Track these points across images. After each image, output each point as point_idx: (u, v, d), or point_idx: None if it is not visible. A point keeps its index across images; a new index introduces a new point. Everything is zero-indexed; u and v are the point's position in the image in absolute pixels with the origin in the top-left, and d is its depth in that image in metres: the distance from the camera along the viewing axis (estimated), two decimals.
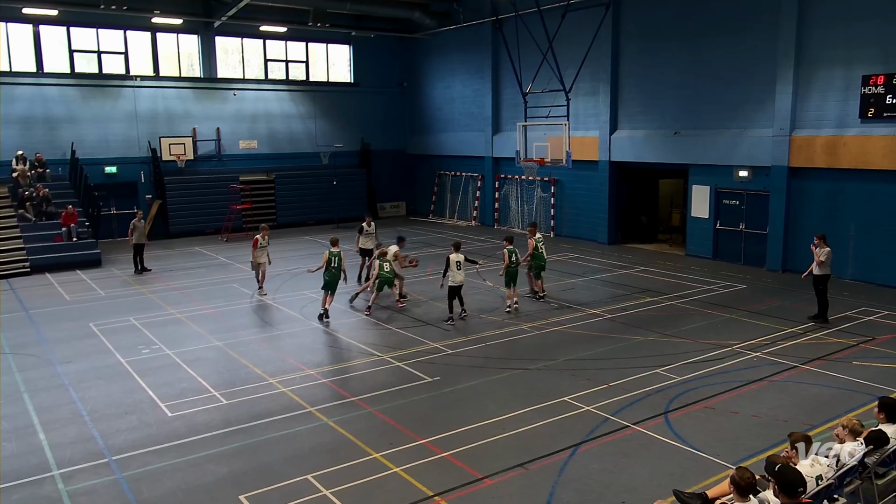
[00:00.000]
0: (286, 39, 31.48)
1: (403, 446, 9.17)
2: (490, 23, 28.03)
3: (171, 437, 9.65)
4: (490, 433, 9.54)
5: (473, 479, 8.27)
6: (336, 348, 13.68)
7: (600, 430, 9.59)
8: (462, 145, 31.98)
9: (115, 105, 27.87)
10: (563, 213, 27.39)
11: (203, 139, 29.67)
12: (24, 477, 8.52)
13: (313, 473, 8.44)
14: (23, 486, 8.29)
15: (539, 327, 14.63)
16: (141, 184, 28.57)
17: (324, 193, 31.33)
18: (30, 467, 8.80)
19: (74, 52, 27.21)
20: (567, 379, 11.59)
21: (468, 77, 31.33)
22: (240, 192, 29.10)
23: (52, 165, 25.70)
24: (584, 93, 25.00)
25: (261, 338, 14.37)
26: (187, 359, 12.99)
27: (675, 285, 18.47)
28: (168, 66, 29.25)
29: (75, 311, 16.68)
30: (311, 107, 32.46)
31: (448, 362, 12.52)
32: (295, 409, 10.51)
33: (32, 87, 26.24)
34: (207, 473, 8.60)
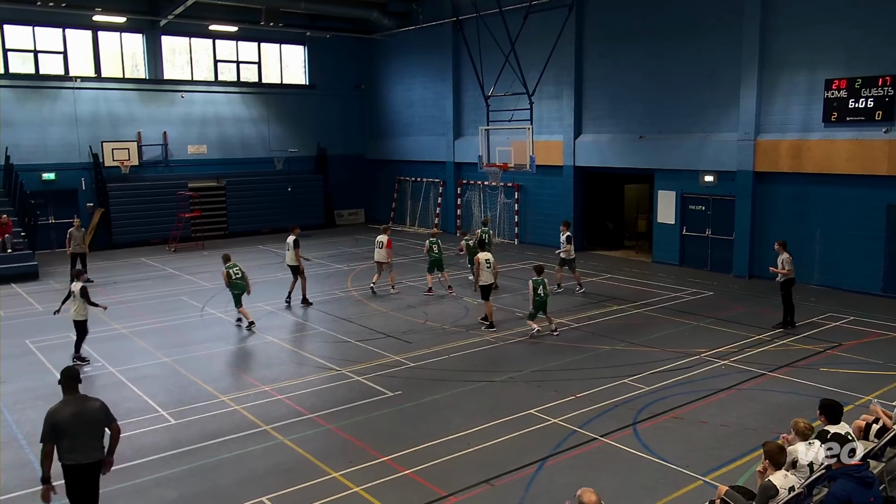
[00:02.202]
0: (237, 39, 31.20)
1: (364, 464, 9.10)
2: (450, 23, 28.15)
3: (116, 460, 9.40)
4: (455, 448, 9.53)
5: (438, 497, 8.24)
6: (292, 363, 13.52)
7: (568, 442, 9.66)
8: (423, 150, 32.02)
9: (54, 107, 27.22)
10: (528, 219, 27.59)
11: (149, 144, 29.16)
12: None
13: (269, 495, 8.33)
14: None
15: (504, 338, 14.69)
16: (82, 191, 27.93)
17: (278, 201, 31.03)
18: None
19: (8, 52, 26.56)
20: (533, 391, 11.65)
21: (428, 79, 31.42)
22: (189, 199, 28.64)
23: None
24: (547, 96, 25.28)
25: (212, 353, 14.14)
26: (133, 376, 12.71)
27: (642, 293, 18.75)
28: (111, 66, 28.72)
29: (10, 328, 16.19)
30: (264, 110, 32.17)
31: (410, 375, 12.49)
32: (249, 428, 10.36)
33: None
34: (155, 499, 8.42)
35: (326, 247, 27.23)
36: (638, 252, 25.34)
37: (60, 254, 25.10)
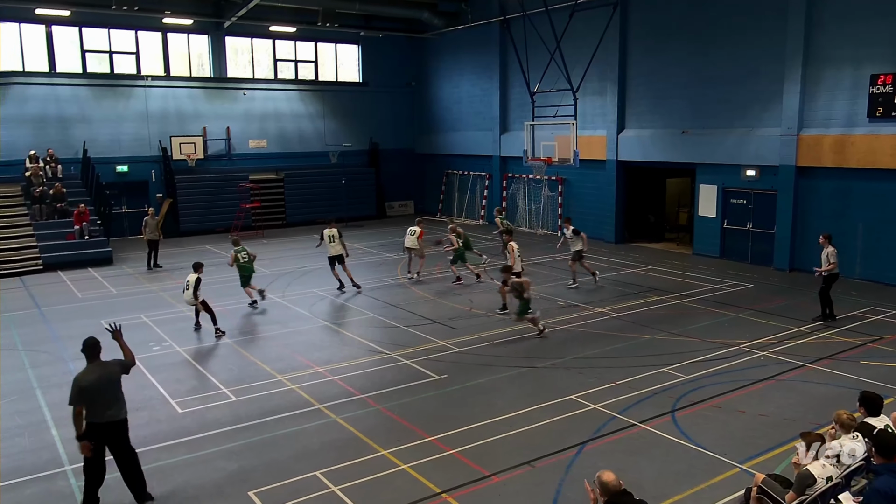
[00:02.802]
0: (295, 39, 31.53)
1: (411, 443, 9.17)
2: (498, 23, 27.98)
3: (182, 433, 9.70)
4: (497, 431, 9.53)
5: (481, 477, 8.26)
6: (344, 346, 13.69)
7: (607, 428, 9.57)
8: (470, 144, 31.96)
9: (127, 105, 27.99)
10: (571, 211, 27.23)
11: (213, 138, 29.77)
12: (38, 472, 8.57)
13: (321, 470, 8.46)
14: (36, 480, 8.34)
15: (546, 325, 14.59)
16: (152, 182, 28.70)
17: (332, 192, 31.35)
18: (43, 462, 8.85)
19: (87, 53, 27.35)
20: (574, 377, 11.56)
21: (476, 77, 31.29)
22: (249, 190, 29.18)
23: (64, 164, 25.86)
24: (591, 92, 24.93)
25: (270, 335, 14.40)
26: (198, 356, 13.05)
27: (682, 284, 18.40)
28: (179, 65, 29.35)
29: (87, 309, 16.76)
30: (320, 106, 32.50)
31: (455, 360, 12.52)
32: (304, 406, 10.53)
33: (45, 87, 26.40)
34: (217, 469, 8.63)
35: (377, 237, 27.44)
36: (679, 244, 24.87)
37: (132, 241, 25.93)
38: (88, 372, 7.55)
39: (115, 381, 7.70)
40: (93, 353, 7.72)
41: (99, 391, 7.48)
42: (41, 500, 7.98)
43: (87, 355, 7.70)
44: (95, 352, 7.75)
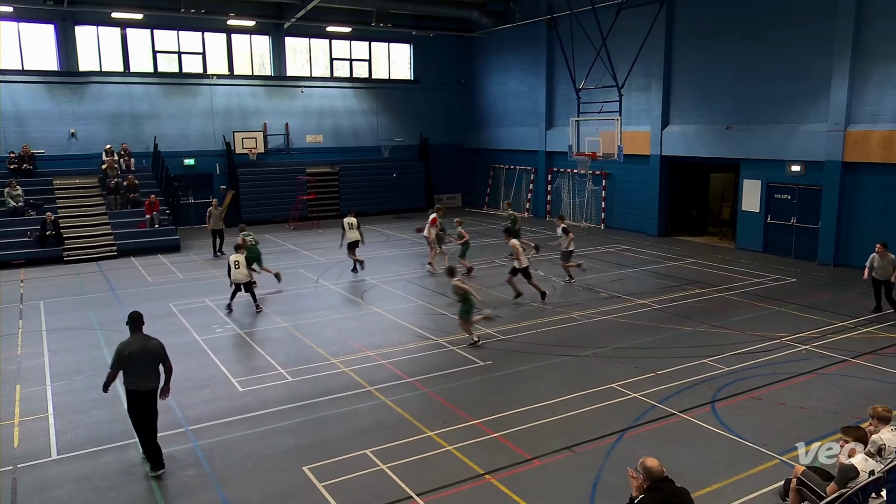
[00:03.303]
0: (350, 39, 31.77)
1: (456, 426, 9.21)
2: (545, 21, 27.68)
3: (242, 410, 9.94)
4: (539, 416, 9.49)
5: (523, 460, 8.25)
6: (394, 332, 13.80)
7: (647, 416, 9.43)
8: (516, 140, 31.75)
9: (194, 102, 28.67)
10: (614, 205, 26.94)
11: (273, 133, 30.27)
12: (111, 442, 8.90)
13: (371, 448, 8.56)
14: (110, 450, 8.67)
15: (588, 316, 14.45)
16: (216, 175, 29.38)
17: (384, 185, 31.59)
18: (116, 433, 9.19)
19: (157, 53, 28.08)
20: (615, 366, 11.43)
21: (523, 74, 31.03)
22: (306, 183, 29.61)
23: (136, 158, 26.69)
24: (636, 88, 24.46)
25: (324, 320, 14.62)
26: (257, 338, 13.33)
27: (724, 277, 17.97)
28: (242, 65, 29.89)
29: (156, 292, 17.29)
30: (373, 103, 32.72)
31: (500, 347, 12.50)
32: (355, 388, 10.67)
33: (120, 85, 27.23)
34: (274, 445, 8.82)
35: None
36: (721, 238, 24.27)
37: (198, 230, 26.60)
38: (132, 342, 7.96)
39: (154, 355, 8.06)
40: (136, 326, 8.10)
41: (139, 361, 7.90)
42: (114, 468, 8.29)
43: (131, 327, 8.07)
44: (139, 325, 8.13)
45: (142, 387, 7.96)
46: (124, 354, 7.86)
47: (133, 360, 7.86)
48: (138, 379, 7.93)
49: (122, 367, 7.88)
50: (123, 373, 7.92)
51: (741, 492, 7.44)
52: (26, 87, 25.55)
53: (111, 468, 8.28)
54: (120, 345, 7.98)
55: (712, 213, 26.51)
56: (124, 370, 7.90)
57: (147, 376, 8.00)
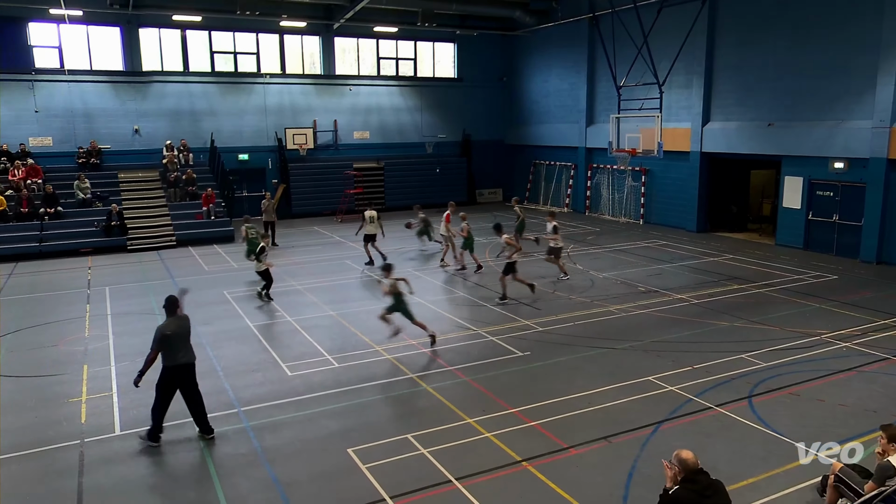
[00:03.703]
0: (397, 39, 31.86)
1: (495, 414, 9.21)
2: (587, 19, 27.29)
3: (291, 393, 10.12)
4: (576, 406, 9.42)
5: (559, 448, 8.21)
6: (435, 321, 13.82)
7: (683, 409, 9.27)
8: (557, 136, 31.43)
9: (248, 100, 29.18)
10: (653, 201, 26.46)
11: (322, 130, 30.61)
12: (170, 420, 9.15)
13: (413, 433, 8.63)
14: (169, 428, 8.91)
15: (626, 309, 14.25)
16: (268, 169, 29.86)
17: (428, 180, 31.67)
18: (174, 412, 9.39)
19: (214, 54, 28.63)
20: (652, 359, 11.25)
21: (564, 71, 30.68)
22: (353, 177, 29.88)
23: (194, 153, 27.33)
24: (677, 85, 23.94)
25: (369, 309, 14.72)
26: (305, 325, 13.53)
27: (764, 273, 17.50)
28: (293, 64, 30.26)
29: (212, 280, 17.71)
30: (417, 100, 32.78)
31: (539, 339, 12.44)
32: (397, 375, 10.76)
33: (180, 84, 27.88)
34: (321, 427, 8.96)
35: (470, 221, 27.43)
36: (761, 235, 23.62)
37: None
38: (171, 324, 8.40)
39: (188, 332, 8.64)
40: (172, 309, 8.54)
41: (179, 339, 8.42)
42: (172, 444, 8.55)
43: (169, 310, 8.53)
44: (175, 307, 8.57)
45: (189, 359, 8.51)
46: (166, 334, 8.24)
47: (174, 339, 8.34)
48: (183, 354, 8.44)
49: (163, 347, 8.26)
50: (167, 352, 8.29)
51: (777, 486, 7.26)
52: (94, 86, 26.38)
53: (169, 445, 8.54)
54: (160, 327, 8.34)
55: (752, 210, 25.82)
56: (167, 350, 8.28)
57: (189, 350, 8.56)
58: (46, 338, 13.00)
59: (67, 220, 22.55)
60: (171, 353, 8.33)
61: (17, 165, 23.74)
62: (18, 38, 25.13)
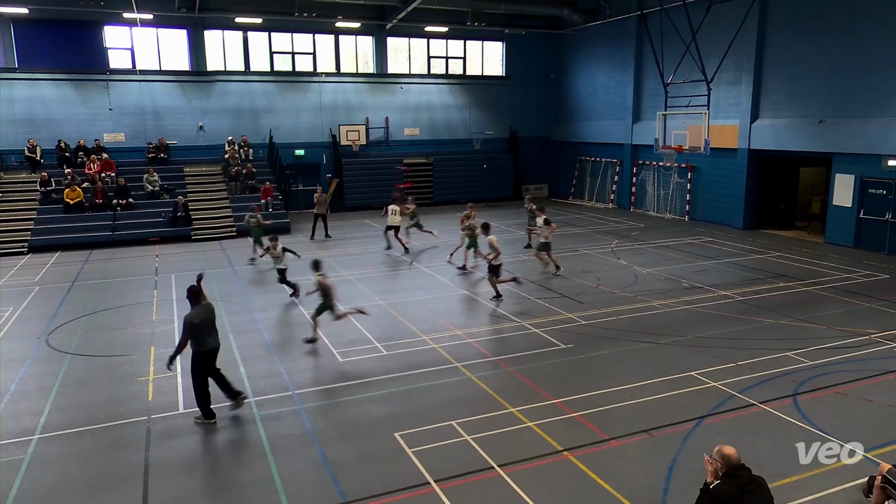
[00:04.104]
0: (447, 38, 31.84)
1: (537, 404, 9.15)
2: (635, 17, 26.71)
3: (341, 378, 10.28)
4: (618, 399, 9.29)
5: (600, 440, 8.11)
6: (481, 313, 13.85)
7: (726, 405, 9.03)
8: (603, 133, 30.92)
9: (305, 98, 29.64)
10: (699, 197, 25.79)
11: (374, 127, 30.87)
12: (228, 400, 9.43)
13: (457, 420, 8.65)
14: (227, 407, 9.17)
15: (669, 305, 13.95)
16: (323, 164, 30.30)
17: (475, 175, 31.60)
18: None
19: (274, 54, 29.17)
20: (695, 355, 10.99)
21: (611, 69, 30.12)
22: (403, 173, 30.06)
23: (254, 148, 27.94)
24: (725, 82, 23.22)
25: (416, 300, 14.84)
26: (356, 314, 13.66)
27: (812, 272, 16.86)
28: (347, 63, 30.58)
29: (268, 269, 18.08)
30: (466, 98, 32.72)
31: (581, 332, 12.30)
32: (443, 364, 10.80)
33: (241, 83, 28.51)
34: (369, 412, 9.07)
35: (514, 216, 27.32)
36: (810, 233, 22.76)
37: (306, 214, 27.50)
38: (198, 312, 8.62)
39: (214, 319, 8.89)
40: (197, 298, 8.75)
41: (209, 325, 8.70)
42: (229, 423, 8.79)
43: (194, 300, 8.72)
44: (198, 297, 8.77)
45: (216, 344, 8.83)
46: (195, 323, 8.48)
47: (204, 326, 8.60)
48: (212, 339, 8.75)
49: (193, 335, 8.50)
50: (197, 338, 8.54)
51: (821, 485, 7.01)
52: (163, 85, 27.22)
53: (226, 423, 8.79)
54: (188, 316, 8.54)
55: (801, 207, 24.87)
56: (198, 336, 8.53)
57: (216, 336, 8.88)
58: (117, 321, 13.53)
59: (137, 211, 23.39)
60: (200, 339, 8.58)
61: (92, 160, 24.74)
62: (95, 41, 26.11)
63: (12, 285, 16.81)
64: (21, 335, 12.65)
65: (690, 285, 15.57)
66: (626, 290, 15.26)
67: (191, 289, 8.86)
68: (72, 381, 10.35)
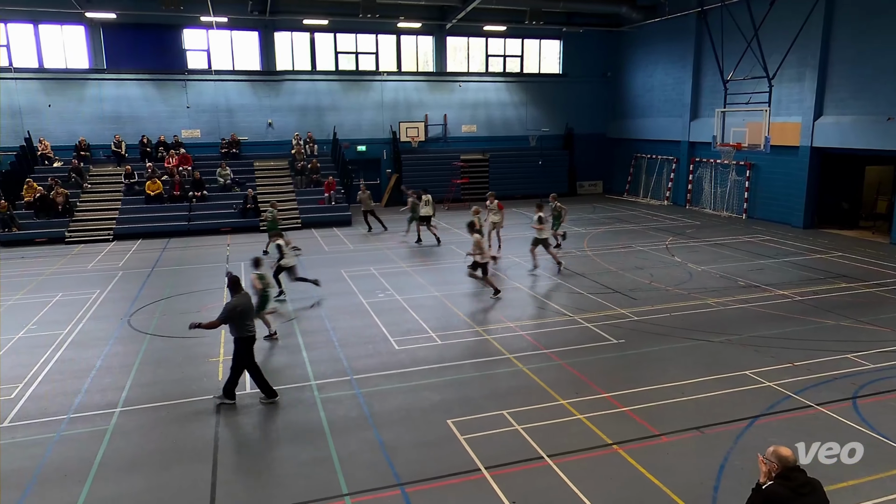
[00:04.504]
0: (505, 37, 31.60)
1: (588, 397, 9.03)
2: (695, 13, 25.83)
3: (397, 365, 10.40)
4: (669, 395, 9.06)
5: (650, 435, 7.94)
6: (533, 306, 13.74)
7: (781, 406, 8.68)
8: (659, 130, 30.09)
9: (367, 96, 30.01)
10: (757, 195, 24.79)
11: (433, 124, 30.98)
12: (292, 383, 9.71)
13: (508, 410, 8.63)
14: (290, 390, 9.45)
15: (724, 303, 13.50)
16: (383, 160, 30.64)
17: (530, 171, 31.35)
18: (295, 376, 10.00)
19: (339, 54, 29.63)
20: (750, 354, 10.60)
21: (670, 66, 29.25)
22: (460, 168, 30.07)
23: (318, 144, 28.52)
24: (788, 79, 22.20)
25: (471, 292, 14.85)
26: (412, 304, 13.82)
27: (876, 273, 15.98)
28: (408, 62, 30.76)
29: (331, 259, 18.45)
30: (523, 95, 32.43)
31: (633, 327, 12.05)
32: (495, 355, 10.78)
33: (308, 82, 29.10)
34: (423, 398, 9.15)
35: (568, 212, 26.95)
36: (875, 233, 21.55)
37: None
38: (240, 299, 8.89)
39: (252, 307, 9.17)
40: (238, 287, 9.03)
41: (247, 312, 8.90)
42: (290, 404, 9.04)
43: (235, 288, 9.03)
44: (238, 286, 9.09)
45: (254, 331, 9.03)
46: (237, 310, 8.73)
47: (245, 312, 8.83)
48: (251, 326, 8.95)
49: (232, 319, 8.72)
50: (239, 325, 8.77)
51: (882, 491, 6.66)
52: (235, 84, 28.08)
53: (290, 404, 9.03)
54: (231, 302, 8.79)
55: (866, 207, 23.58)
56: (240, 322, 8.76)
57: (254, 323, 9.06)
58: (191, 304, 14.08)
59: (211, 203, 24.25)
60: (242, 325, 8.81)
61: (171, 154, 25.79)
62: (175, 44, 27.15)
63: (99, 269, 17.73)
64: (106, 315, 13.33)
65: (746, 284, 15.01)
66: (680, 287, 14.85)
67: (231, 278, 9.13)
68: (150, 359, 10.85)
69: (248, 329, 8.90)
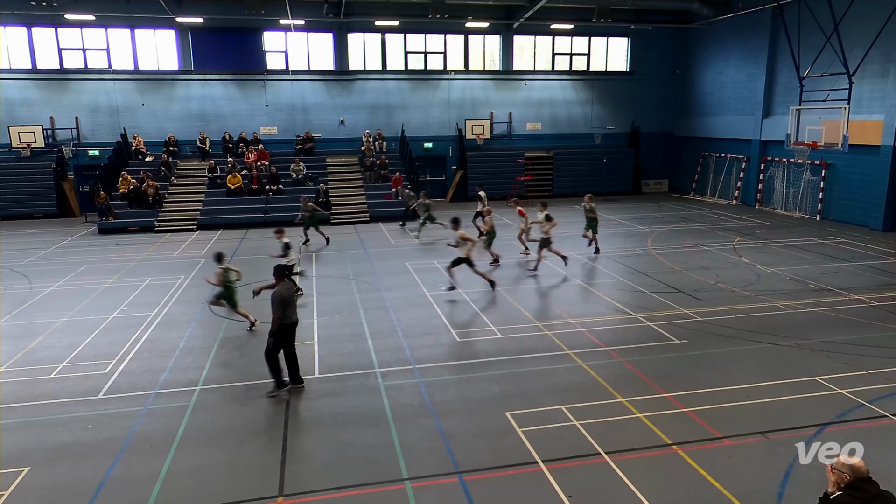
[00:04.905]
0: (572, 35, 31.04)
1: (647, 396, 8.80)
2: (770, 9, 24.58)
3: (458, 357, 10.44)
4: (732, 398, 8.70)
5: (712, 437, 7.66)
6: (594, 304, 13.49)
7: (852, 414, 8.18)
8: (729, 128, 28.85)
9: (434, 94, 30.17)
10: (833, 196, 23.41)
11: (498, 122, 30.84)
12: (357, 370, 9.91)
13: (566, 405, 8.52)
14: (355, 376, 9.65)
15: (794, 306, 12.83)
16: (449, 157, 30.75)
17: (594, 169, 30.71)
18: (361, 363, 10.20)
19: (408, 54, 29.91)
20: (820, 360, 10.04)
21: (742, 62, 27.96)
22: (524, 165, 29.81)
23: (387, 141, 28.90)
24: (870, 75, 20.82)
25: (532, 288, 14.73)
26: (473, 298, 13.83)
27: None
28: (475, 61, 30.71)
29: (396, 252, 18.70)
30: (589, 93, 31.79)
31: (696, 328, 11.63)
32: (555, 350, 10.65)
33: (378, 81, 29.53)
34: (483, 390, 9.16)
35: (632, 210, 26.32)
36: None
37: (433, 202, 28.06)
38: (285, 288, 9.11)
39: (294, 295, 9.36)
40: (283, 276, 9.34)
41: (291, 301, 9.10)
42: (358, 390, 9.23)
43: (280, 276, 9.27)
44: (284, 275, 9.38)
45: (291, 320, 9.12)
46: (285, 297, 8.96)
47: (289, 300, 9.04)
48: (293, 313, 9.15)
49: (283, 308, 8.91)
50: (284, 311, 8.93)
51: None
52: (310, 84, 28.82)
53: (355, 390, 9.23)
54: (277, 291, 8.99)
55: None
56: (283, 309, 8.94)
57: (296, 311, 9.26)
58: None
59: (286, 196, 25.03)
60: (286, 312, 9.02)
61: (250, 150, 26.77)
62: (255, 46, 28.12)
63: (184, 257, 18.64)
64: (189, 300, 14.01)
65: (819, 287, 14.22)
66: (747, 288, 14.22)
67: (278, 267, 9.38)
68: (228, 342, 11.33)
69: (290, 317, 9.12)
